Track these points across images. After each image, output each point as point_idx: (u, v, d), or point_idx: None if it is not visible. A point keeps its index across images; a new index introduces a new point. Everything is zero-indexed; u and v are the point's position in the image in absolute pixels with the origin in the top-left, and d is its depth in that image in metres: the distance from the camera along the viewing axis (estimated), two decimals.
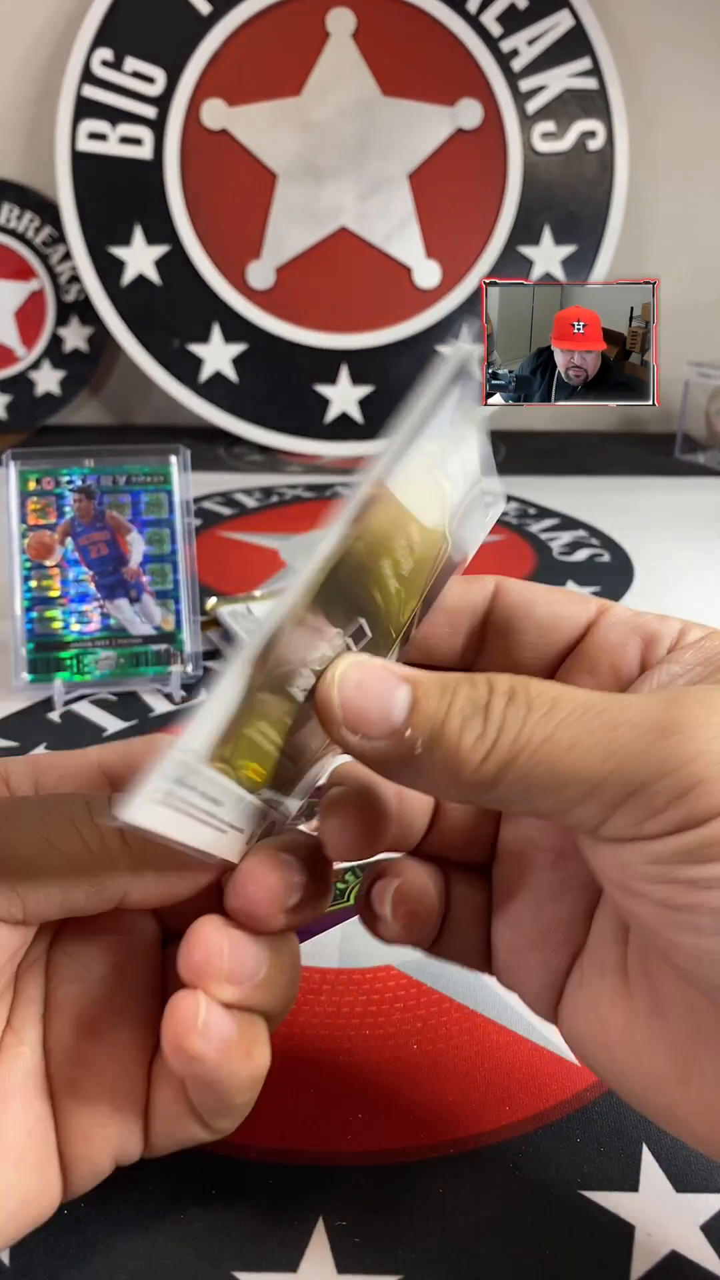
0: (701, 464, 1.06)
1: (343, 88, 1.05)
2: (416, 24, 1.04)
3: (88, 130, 1.04)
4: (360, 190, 1.07)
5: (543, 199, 1.08)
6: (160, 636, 0.52)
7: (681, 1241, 0.23)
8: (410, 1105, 0.27)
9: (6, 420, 1.15)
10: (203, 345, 1.09)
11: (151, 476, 0.51)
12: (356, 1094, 0.28)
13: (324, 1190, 0.25)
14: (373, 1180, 0.25)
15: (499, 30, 1.04)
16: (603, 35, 1.05)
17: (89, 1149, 0.22)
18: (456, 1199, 0.25)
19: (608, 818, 0.19)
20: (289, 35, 1.04)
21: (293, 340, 1.09)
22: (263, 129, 1.06)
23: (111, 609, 0.51)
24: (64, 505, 0.51)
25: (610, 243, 1.09)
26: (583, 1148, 0.26)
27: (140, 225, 1.06)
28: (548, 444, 1.14)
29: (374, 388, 1.10)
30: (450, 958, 0.25)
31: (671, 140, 1.15)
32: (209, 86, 1.04)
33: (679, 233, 1.19)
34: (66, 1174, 0.22)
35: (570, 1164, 0.25)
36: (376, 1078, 0.28)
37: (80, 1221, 0.24)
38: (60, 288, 1.14)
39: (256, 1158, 0.26)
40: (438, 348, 1.09)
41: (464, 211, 1.08)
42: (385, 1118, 0.27)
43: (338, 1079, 0.28)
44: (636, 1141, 0.26)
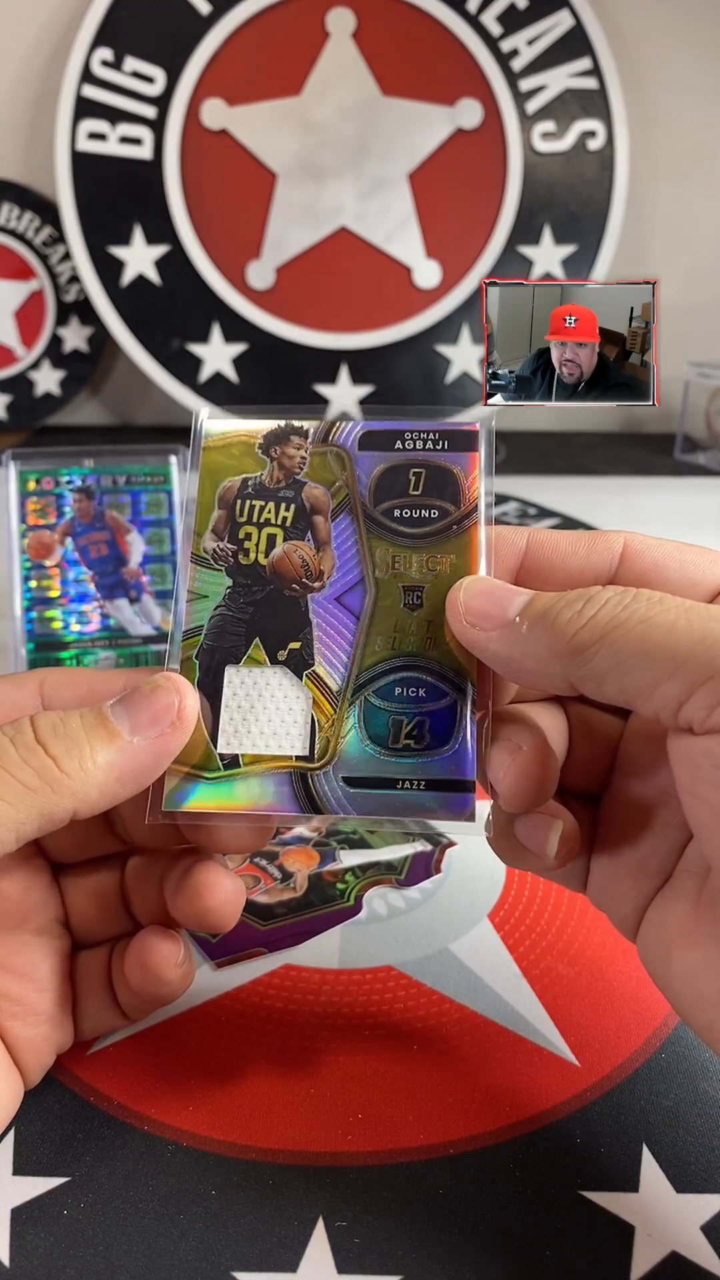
0: (701, 464, 1.06)
1: (343, 88, 1.05)
2: (416, 24, 1.04)
3: (88, 130, 1.04)
4: (360, 190, 1.07)
5: (543, 199, 1.08)
6: (160, 637, 0.52)
7: (682, 1242, 0.23)
8: (410, 1105, 0.27)
9: (6, 420, 1.15)
10: (203, 345, 1.09)
11: (151, 477, 0.51)
12: (356, 1094, 0.28)
13: (324, 1190, 0.25)
14: (373, 1180, 0.25)
15: (499, 30, 1.04)
16: (603, 35, 1.05)
17: (38, 1057, 0.27)
18: (456, 1199, 0.25)
19: (689, 697, 0.21)
20: (289, 35, 1.04)
21: (293, 340, 1.09)
22: (262, 129, 1.06)
23: (111, 609, 0.51)
24: (64, 505, 0.51)
25: (610, 243, 1.09)
26: (583, 1148, 0.26)
27: (140, 225, 1.06)
28: (548, 444, 1.14)
29: (374, 388, 1.10)
30: (553, 878, 0.28)
31: (671, 140, 1.15)
32: (209, 86, 1.04)
33: (679, 233, 1.19)
34: (24, 1077, 0.26)
35: (570, 1164, 0.25)
36: (376, 1078, 0.28)
37: (80, 1221, 0.24)
38: (60, 288, 1.14)
39: (256, 1158, 0.26)
40: (437, 347, 1.09)
41: (464, 211, 1.08)
42: (385, 1118, 0.27)
43: (338, 1079, 0.28)
44: (637, 1142, 0.26)
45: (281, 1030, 0.30)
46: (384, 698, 0.25)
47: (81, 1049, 0.29)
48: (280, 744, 0.25)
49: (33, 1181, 0.25)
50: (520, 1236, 0.24)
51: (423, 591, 0.26)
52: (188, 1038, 0.30)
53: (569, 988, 0.31)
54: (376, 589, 0.26)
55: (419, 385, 1.10)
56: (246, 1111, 0.27)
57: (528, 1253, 0.23)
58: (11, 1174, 0.25)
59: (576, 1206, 0.24)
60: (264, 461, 0.27)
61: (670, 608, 0.22)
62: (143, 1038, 0.30)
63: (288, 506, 0.27)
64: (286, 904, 0.35)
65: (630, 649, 0.22)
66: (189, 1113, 0.27)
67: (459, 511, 0.26)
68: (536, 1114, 0.27)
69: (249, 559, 0.26)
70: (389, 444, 0.27)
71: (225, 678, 0.26)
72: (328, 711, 0.25)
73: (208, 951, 0.33)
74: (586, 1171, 0.25)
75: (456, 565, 0.26)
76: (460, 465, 0.27)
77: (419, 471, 0.27)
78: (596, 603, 0.23)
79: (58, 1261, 0.23)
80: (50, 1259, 0.23)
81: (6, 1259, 0.23)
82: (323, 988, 0.32)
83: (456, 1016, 0.30)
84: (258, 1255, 0.23)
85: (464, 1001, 0.31)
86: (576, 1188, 0.25)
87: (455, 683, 0.25)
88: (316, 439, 0.27)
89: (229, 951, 0.33)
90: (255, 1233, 0.24)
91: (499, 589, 0.25)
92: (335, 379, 1.10)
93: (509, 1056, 0.29)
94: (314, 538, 0.27)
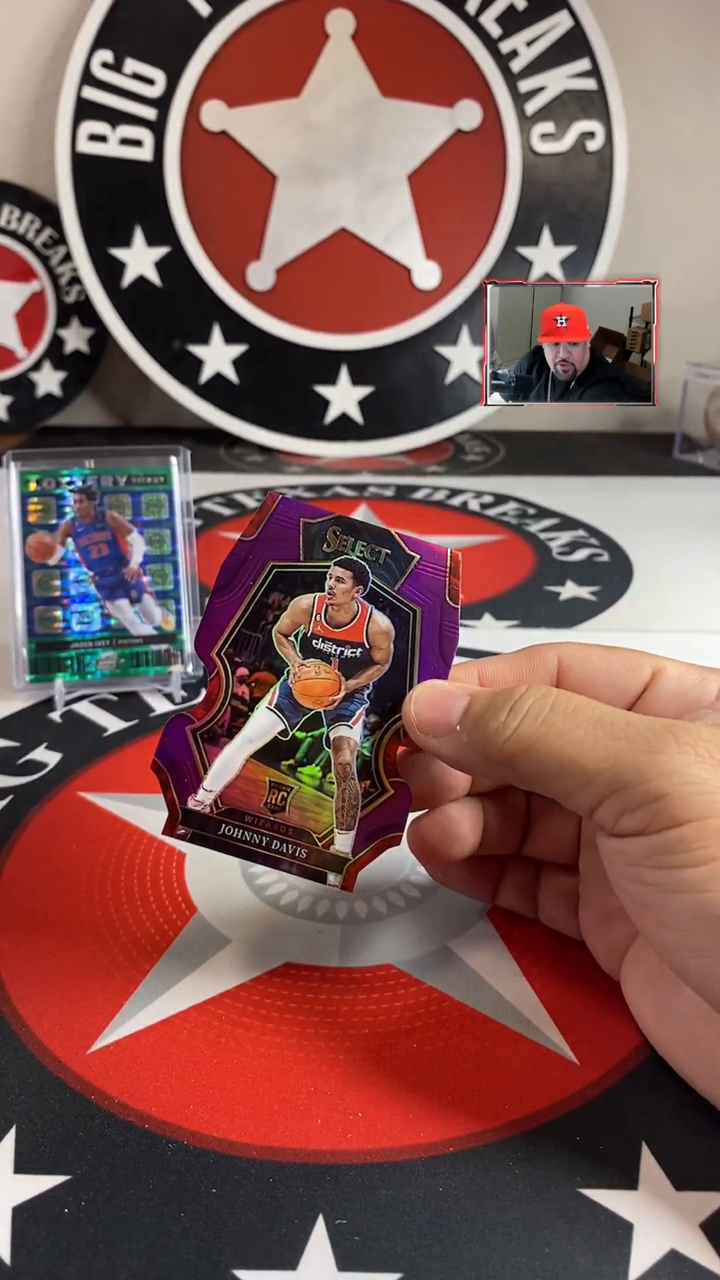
0: (700, 464, 1.06)
1: (342, 89, 1.05)
2: (416, 25, 1.04)
3: (88, 132, 1.05)
4: (360, 191, 1.07)
5: (542, 199, 1.08)
6: (161, 637, 0.52)
7: (681, 1239, 0.24)
8: (410, 1105, 0.27)
9: (7, 421, 1.15)
10: (203, 346, 1.09)
11: (152, 477, 0.52)
12: (356, 1093, 0.28)
13: (324, 1188, 0.25)
14: (373, 1178, 0.25)
15: (498, 31, 1.04)
16: (602, 36, 1.05)
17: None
18: (456, 1197, 0.25)
19: (597, 806, 0.25)
20: (288, 37, 1.04)
21: (293, 341, 1.09)
22: (262, 130, 1.06)
23: (112, 609, 0.51)
24: (64, 506, 0.51)
25: (609, 243, 1.09)
26: (582, 1146, 0.26)
27: (140, 227, 1.06)
28: (548, 444, 1.15)
29: (374, 388, 1.10)
30: (553, 925, 0.33)
31: (671, 141, 1.15)
32: (209, 88, 1.05)
33: (678, 233, 1.19)
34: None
35: (570, 1162, 0.25)
36: (376, 1077, 0.28)
37: (80, 1220, 0.24)
38: (61, 289, 1.14)
39: (257, 1156, 0.26)
40: (437, 348, 1.09)
41: (463, 212, 1.08)
42: (385, 1117, 0.27)
43: (338, 1078, 0.28)
44: (636, 1140, 0.26)
45: (281, 1029, 0.30)
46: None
47: (82, 1048, 0.29)
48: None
49: (34, 1180, 0.25)
50: (520, 1234, 0.24)
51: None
52: (188, 1037, 0.30)
53: (568, 986, 0.31)
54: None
55: (419, 386, 1.10)
56: (246, 1110, 0.27)
57: (527, 1250, 0.23)
58: (12, 1172, 0.25)
59: (576, 1204, 0.24)
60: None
61: (583, 721, 0.25)
62: (143, 1037, 0.30)
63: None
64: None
65: (549, 762, 0.25)
66: (189, 1111, 0.27)
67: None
68: (536, 1112, 0.27)
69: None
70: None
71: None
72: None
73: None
74: (586, 1169, 0.25)
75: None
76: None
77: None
78: (519, 713, 0.26)
79: (58, 1260, 0.23)
80: (51, 1257, 0.23)
81: (7, 1257, 0.23)
82: (323, 986, 0.32)
83: (456, 1015, 0.30)
84: (258, 1253, 0.23)
85: (464, 999, 0.31)
86: (576, 1185, 0.25)
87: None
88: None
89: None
90: (256, 1231, 0.24)
91: (441, 695, 0.28)
92: (335, 380, 1.10)
93: (508, 1054, 0.29)
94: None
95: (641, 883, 0.24)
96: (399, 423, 1.11)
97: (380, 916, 0.35)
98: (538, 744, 0.25)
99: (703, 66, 1.13)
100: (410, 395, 1.10)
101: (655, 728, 0.25)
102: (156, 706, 0.50)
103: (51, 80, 1.09)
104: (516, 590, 0.66)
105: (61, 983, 0.32)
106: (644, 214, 1.15)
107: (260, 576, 0.30)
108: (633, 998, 0.29)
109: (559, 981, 0.32)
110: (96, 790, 0.43)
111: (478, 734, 0.27)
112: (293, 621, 0.30)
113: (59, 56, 1.08)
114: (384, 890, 0.36)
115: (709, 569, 0.72)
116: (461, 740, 0.27)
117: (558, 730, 0.25)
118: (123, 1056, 0.29)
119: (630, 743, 0.24)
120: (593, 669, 0.29)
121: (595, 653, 0.29)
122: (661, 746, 0.24)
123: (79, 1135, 0.26)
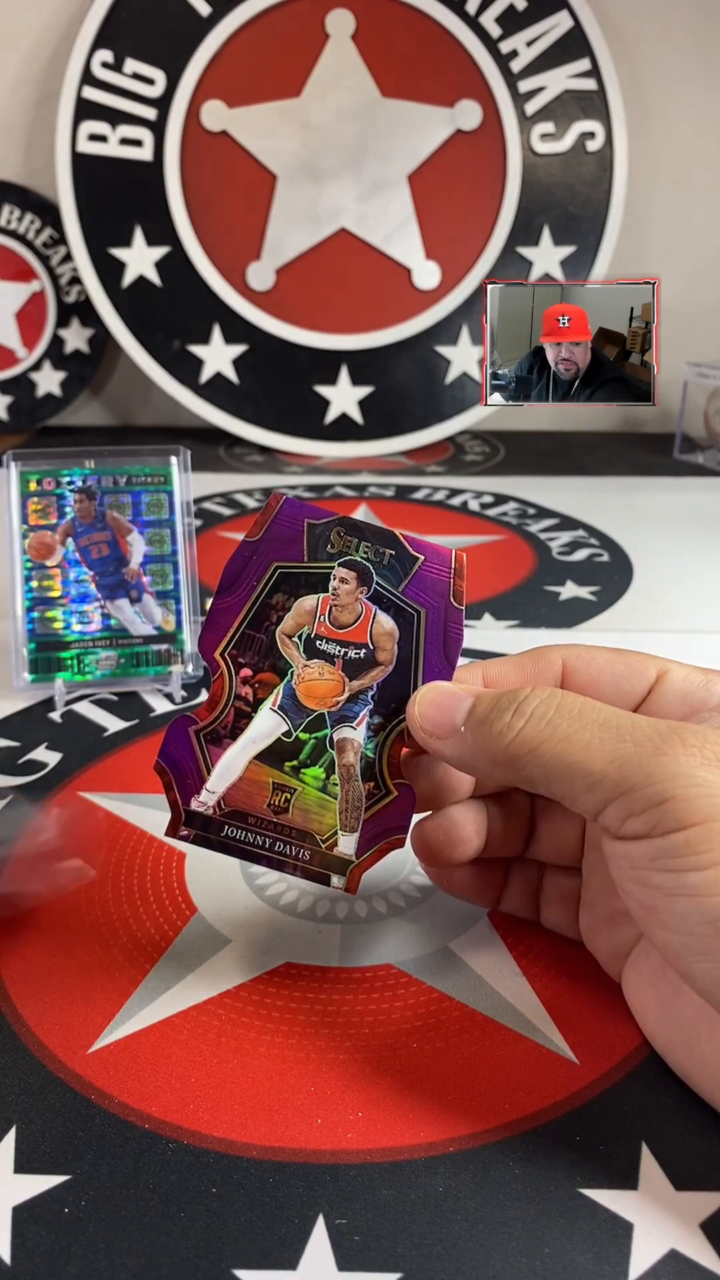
0: (700, 464, 1.06)
1: (342, 89, 1.05)
2: (416, 25, 1.04)
3: (88, 132, 1.05)
4: (360, 191, 1.07)
5: (542, 200, 1.08)
6: (161, 637, 0.52)
7: (681, 1239, 0.24)
8: (410, 1105, 0.27)
9: (7, 421, 1.15)
10: (203, 346, 1.09)
11: (152, 477, 0.52)
12: (356, 1093, 0.28)
13: (324, 1188, 0.25)
14: (373, 1178, 0.25)
15: (498, 31, 1.04)
16: (602, 36, 1.05)
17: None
18: (456, 1196, 0.25)
19: (603, 809, 0.24)
20: (288, 37, 1.04)
21: (293, 341, 1.09)
22: (262, 130, 1.06)
23: (112, 609, 0.51)
24: (65, 506, 0.51)
25: (609, 243, 1.09)
26: (582, 1146, 0.26)
27: (140, 227, 1.06)
28: (548, 444, 1.14)
29: (374, 388, 1.10)
30: (555, 928, 0.33)
31: (670, 141, 1.15)
32: (209, 88, 1.05)
33: (678, 233, 1.19)
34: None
35: (569, 1162, 0.25)
36: (376, 1077, 0.28)
37: (80, 1220, 0.24)
38: (61, 289, 1.14)
39: (257, 1156, 0.26)
40: (437, 348, 1.09)
41: (463, 212, 1.08)
42: (385, 1117, 0.27)
43: (338, 1078, 0.28)
44: (636, 1140, 0.26)
45: (282, 1029, 0.30)
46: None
47: (82, 1048, 0.29)
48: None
49: (34, 1180, 0.25)
50: (519, 1234, 0.24)
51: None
52: (188, 1037, 0.30)
53: (568, 986, 0.31)
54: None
55: (419, 386, 1.10)
56: (246, 1110, 0.27)
57: (527, 1250, 0.23)
58: (12, 1172, 0.25)
59: (576, 1204, 0.24)
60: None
61: (588, 723, 0.25)
62: (143, 1037, 0.30)
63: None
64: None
65: (554, 764, 0.25)
66: (189, 1111, 0.27)
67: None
68: (536, 1112, 0.27)
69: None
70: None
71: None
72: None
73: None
74: (585, 1169, 0.25)
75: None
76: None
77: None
78: (523, 714, 0.26)
79: (59, 1259, 0.23)
80: (51, 1257, 0.23)
81: (8, 1257, 0.23)
82: (323, 986, 0.32)
83: (456, 1015, 0.30)
84: (258, 1253, 0.23)
85: (463, 999, 0.31)
86: (576, 1185, 0.25)
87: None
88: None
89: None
90: (256, 1230, 0.24)
91: (446, 696, 0.28)
92: (335, 380, 1.10)
93: (508, 1054, 0.29)
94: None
95: (647, 886, 0.24)
96: (399, 423, 1.11)
97: (380, 916, 0.35)
98: (543, 746, 0.25)
99: (703, 66, 1.13)
100: (410, 395, 1.10)
101: (661, 730, 0.25)
102: (156, 706, 0.50)
103: (52, 80, 1.09)
104: (516, 590, 0.66)
105: (61, 983, 0.32)
106: (644, 214, 1.15)
107: (264, 577, 0.30)
108: (634, 1000, 0.29)
109: (559, 982, 0.32)
110: (96, 790, 0.43)
111: (482, 735, 0.27)
112: (296, 622, 0.30)
113: (59, 56, 1.08)
114: (384, 890, 0.36)
115: (709, 569, 0.72)
116: (466, 742, 0.27)
117: (563, 732, 0.25)
118: (123, 1056, 0.29)
119: (636, 745, 0.24)
120: (598, 671, 0.29)
121: (600, 655, 0.29)
122: (667, 749, 0.24)
123: (79, 1135, 0.26)
